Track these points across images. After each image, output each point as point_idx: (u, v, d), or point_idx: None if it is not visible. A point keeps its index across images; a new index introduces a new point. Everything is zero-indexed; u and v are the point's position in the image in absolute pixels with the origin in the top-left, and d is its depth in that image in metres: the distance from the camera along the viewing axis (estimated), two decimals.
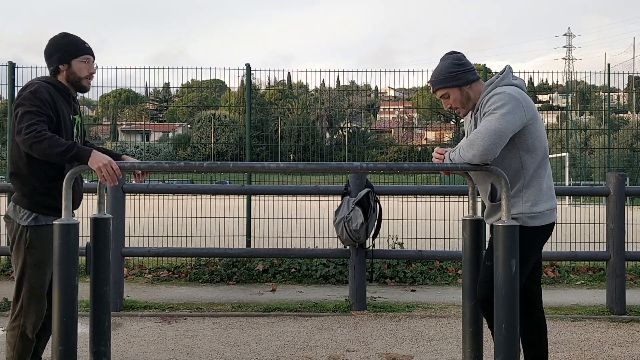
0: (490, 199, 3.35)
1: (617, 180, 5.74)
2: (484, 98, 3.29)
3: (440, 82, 3.37)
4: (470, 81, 3.36)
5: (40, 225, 3.30)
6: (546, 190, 3.32)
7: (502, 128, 3.11)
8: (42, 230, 3.31)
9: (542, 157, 3.30)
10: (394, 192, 6.70)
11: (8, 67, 8.24)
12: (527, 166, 3.26)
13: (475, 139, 3.12)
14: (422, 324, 5.30)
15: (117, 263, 5.70)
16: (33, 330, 3.34)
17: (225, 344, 4.61)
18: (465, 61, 3.38)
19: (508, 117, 3.13)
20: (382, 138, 23.47)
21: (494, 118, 3.14)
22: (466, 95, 3.37)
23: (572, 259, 6.69)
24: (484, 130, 3.12)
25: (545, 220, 3.30)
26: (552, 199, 3.36)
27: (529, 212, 3.24)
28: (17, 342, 3.32)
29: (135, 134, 30.48)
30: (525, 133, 3.22)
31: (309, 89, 16.78)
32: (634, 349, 4.54)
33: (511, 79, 3.36)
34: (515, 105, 3.17)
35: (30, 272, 3.31)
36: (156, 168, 3.32)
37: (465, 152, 3.16)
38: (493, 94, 3.25)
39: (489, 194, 3.35)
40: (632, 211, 8.43)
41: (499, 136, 3.10)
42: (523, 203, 3.27)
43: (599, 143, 17.58)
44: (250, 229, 8.16)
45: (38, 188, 3.29)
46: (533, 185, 3.26)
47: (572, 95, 14.76)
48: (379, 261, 7.15)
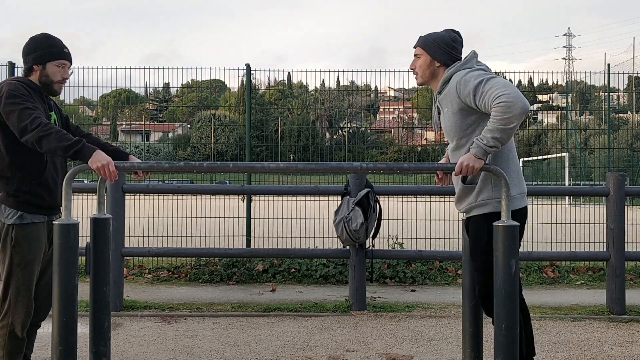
0: (462, 180, 3.31)
1: (617, 180, 5.74)
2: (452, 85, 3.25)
3: (423, 41, 3.40)
4: (443, 63, 3.35)
5: (26, 223, 3.30)
6: (515, 174, 3.28)
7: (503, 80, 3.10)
8: (28, 228, 3.31)
9: (512, 141, 3.28)
10: (394, 192, 6.70)
11: (8, 67, 8.24)
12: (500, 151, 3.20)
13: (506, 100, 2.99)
14: (422, 324, 5.30)
15: (117, 263, 5.70)
16: (22, 329, 3.33)
17: (225, 344, 4.61)
18: (456, 45, 3.38)
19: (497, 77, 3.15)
20: (382, 138, 23.44)
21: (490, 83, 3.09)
22: (432, 70, 3.38)
23: (572, 259, 6.69)
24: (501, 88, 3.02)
25: (516, 204, 3.24)
26: (521, 183, 3.32)
27: (499, 197, 3.17)
28: (7, 342, 3.31)
29: (135, 134, 30.46)
30: None
31: (309, 89, 16.77)
32: (634, 349, 4.54)
33: (474, 63, 3.34)
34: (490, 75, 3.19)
35: (17, 271, 3.30)
36: (156, 168, 3.33)
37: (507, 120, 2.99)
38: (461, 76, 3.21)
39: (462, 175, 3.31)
40: (632, 211, 8.43)
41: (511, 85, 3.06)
42: (493, 187, 3.23)
43: (599, 143, 17.58)
44: (250, 229, 8.16)
45: (22, 187, 3.29)
46: (501, 168, 3.19)
47: (572, 95, 14.76)
48: (379, 261, 7.15)
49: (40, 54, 3.37)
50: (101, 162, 3.14)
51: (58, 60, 3.40)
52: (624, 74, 11.46)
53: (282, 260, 7.41)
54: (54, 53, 3.39)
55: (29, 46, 3.41)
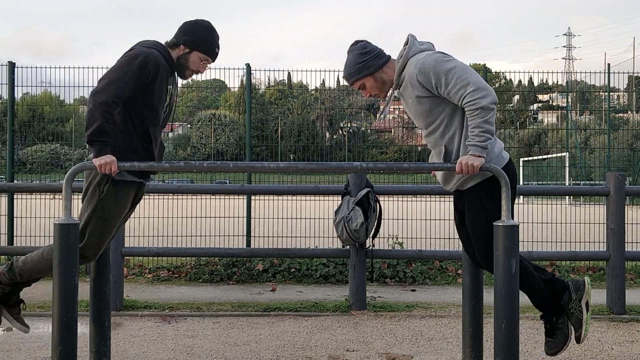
0: (444, 160, 3.32)
1: (617, 180, 5.75)
2: (410, 73, 3.25)
3: (352, 75, 3.39)
4: (380, 65, 3.36)
5: (121, 180, 3.31)
6: None
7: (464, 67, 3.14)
8: (120, 185, 3.31)
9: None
10: (394, 192, 6.70)
11: (8, 67, 8.25)
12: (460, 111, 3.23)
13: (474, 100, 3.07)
14: (422, 323, 5.30)
15: (117, 263, 5.70)
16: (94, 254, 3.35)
17: (225, 344, 4.61)
18: (370, 47, 3.38)
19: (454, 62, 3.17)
20: (382, 138, 23.45)
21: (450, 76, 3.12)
22: (380, 80, 3.38)
23: (572, 258, 6.69)
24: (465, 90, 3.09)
25: (502, 161, 3.28)
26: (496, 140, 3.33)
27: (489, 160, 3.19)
28: None
29: None
30: None
31: (309, 89, 16.77)
32: (634, 349, 4.54)
33: (418, 45, 3.35)
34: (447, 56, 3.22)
35: (96, 223, 3.30)
36: (156, 168, 3.33)
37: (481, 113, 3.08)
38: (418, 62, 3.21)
39: (443, 156, 3.32)
40: (632, 211, 8.43)
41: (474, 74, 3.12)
42: None
43: (599, 143, 17.59)
44: (250, 228, 8.16)
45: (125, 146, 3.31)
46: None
47: (572, 95, 14.77)
48: (379, 261, 7.15)
49: (195, 40, 3.42)
50: (105, 160, 3.15)
51: (206, 54, 3.45)
52: (624, 73, 11.47)
53: (282, 260, 7.41)
54: (208, 47, 3.45)
55: (190, 28, 3.45)
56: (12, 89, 8.27)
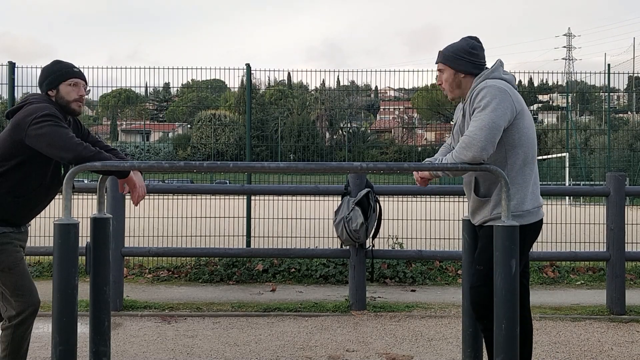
0: (475, 192, 3.32)
1: (617, 180, 5.75)
2: (473, 91, 3.27)
3: (443, 56, 3.40)
4: (468, 73, 3.35)
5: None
6: (532, 188, 3.28)
7: (495, 121, 3.10)
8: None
9: (528, 154, 3.26)
10: (394, 192, 6.69)
11: (8, 67, 8.25)
12: (511, 162, 3.22)
13: (471, 139, 3.09)
14: (422, 324, 5.30)
15: (117, 263, 5.70)
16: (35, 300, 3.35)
17: (225, 344, 4.61)
18: (477, 52, 3.37)
19: (498, 110, 3.12)
20: (382, 138, 23.47)
21: (484, 114, 3.12)
22: (457, 82, 3.37)
23: (572, 259, 6.69)
24: (477, 129, 3.10)
25: (532, 218, 3.26)
26: (538, 198, 3.33)
27: (514, 211, 3.18)
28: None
29: (135, 134, 30.48)
30: (512, 128, 3.20)
31: (309, 89, 16.78)
32: (634, 349, 4.54)
33: (501, 72, 3.35)
34: (503, 98, 3.15)
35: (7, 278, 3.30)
36: (156, 168, 3.33)
37: (461, 154, 3.11)
38: (482, 87, 3.22)
39: (474, 188, 3.32)
40: (632, 211, 8.43)
41: (492, 130, 3.09)
42: None
43: (599, 143, 17.58)
44: (250, 229, 8.16)
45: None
46: (517, 182, 3.21)
47: (572, 95, 14.76)
48: (378, 261, 7.15)
49: (52, 79, 3.43)
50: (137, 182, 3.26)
51: (70, 79, 3.44)
52: (624, 74, 11.48)
53: (282, 260, 7.41)
54: (63, 74, 3.45)
55: (40, 76, 3.49)
56: (12, 89, 8.26)
